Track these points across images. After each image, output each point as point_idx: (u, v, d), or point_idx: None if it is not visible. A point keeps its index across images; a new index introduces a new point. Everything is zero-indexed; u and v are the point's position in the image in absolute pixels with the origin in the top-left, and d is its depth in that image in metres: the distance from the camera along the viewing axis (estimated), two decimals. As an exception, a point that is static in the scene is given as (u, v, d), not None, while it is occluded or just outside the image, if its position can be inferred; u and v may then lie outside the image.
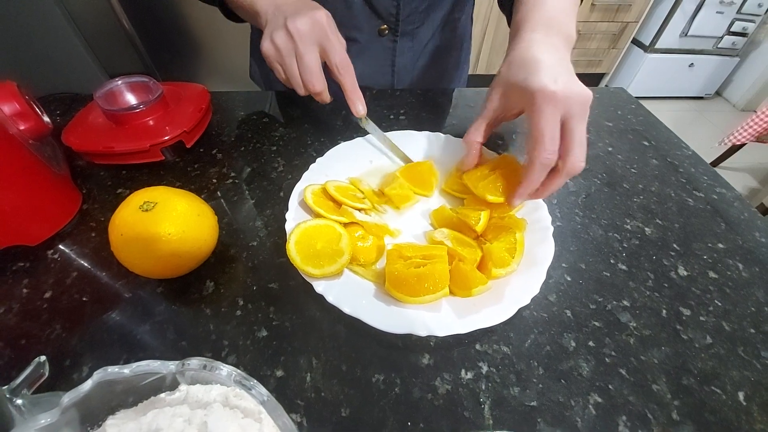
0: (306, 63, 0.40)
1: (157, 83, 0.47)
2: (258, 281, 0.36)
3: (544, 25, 0.36)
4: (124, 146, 0.43)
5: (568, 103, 0.31)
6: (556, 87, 0.30)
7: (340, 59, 0.40)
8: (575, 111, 0.31)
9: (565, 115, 0.31)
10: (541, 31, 0.36)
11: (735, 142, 1.87)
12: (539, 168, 0.32)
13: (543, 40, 0.35)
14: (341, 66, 0.41)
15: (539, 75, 0.31)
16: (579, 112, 0.31)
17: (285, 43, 0.40)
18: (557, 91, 0.30)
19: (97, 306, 0.34)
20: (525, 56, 0.34)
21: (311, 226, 0.35)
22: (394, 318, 0.30)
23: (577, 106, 0.31)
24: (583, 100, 0.31)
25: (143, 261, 0.31)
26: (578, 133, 0.31)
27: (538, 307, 0.34)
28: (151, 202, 0.31)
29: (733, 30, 2.22)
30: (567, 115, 0.31)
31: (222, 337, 0.32)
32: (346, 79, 0.41)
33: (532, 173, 0.32)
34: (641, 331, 0.33)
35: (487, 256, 0.32)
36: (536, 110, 0.31)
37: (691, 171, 0.49)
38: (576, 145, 0.31)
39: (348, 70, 0.41)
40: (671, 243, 0.40)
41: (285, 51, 0.40)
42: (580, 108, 0.31)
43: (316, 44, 0.40)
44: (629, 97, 0.62)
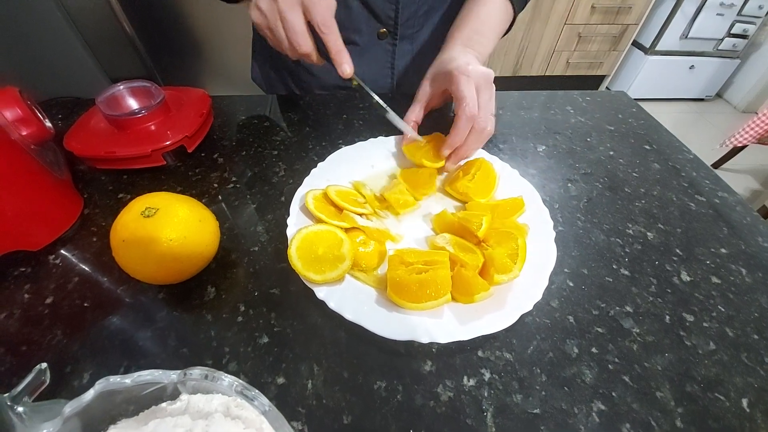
0: (289, 23, 0.39)
1: (158, 88, 0.47)
2: (259, 287, 0.35)
3: (463, 42, 0.48)
4: (125, 151, 0.43)
5: (477, 77, 0.41)
6: (468, 66, 0.42)
7: (322, 18, 0.39)
8: (482, 83, 0.41)
9: (476, 85, 0.41)
10: (458, 44, 0.48)
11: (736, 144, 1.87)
12: (464, 120, 0.41)
13: (459, 49, 0.47)
14: (323, 24, 0.40)
15: (456, 62, 0.43)
16: (485, 84, 0.41)
17: (268, 5, 0.40)
18: (469, 68, 0.42)
19: (98, 312, 0.34)
20: (445, 57, 0.47)
21: (313, 231, 0.35)
22: (396, 324, 0.30)
23: (483, 79, 0.41)
24: (487, 75, 0.42)
25: (145, 267, 0.31)
26: (483, 99, 0.41)
27: (540, 313, 0.33)
28: (153, 208, 0.31)
29: (734, 32, 2.21)
30: (478, 85, 0.41)
31: (223, 344, 0.31)
32: (329, 37, 0.41)
33: (459, 124, 0.41)
34: (644, 338, 0.33)
35: (489, 262, 0.32)
36: (456, 81, 0.41)
37: (693, 175, 0.49)
38: (482, 109, 0.41)
39: (331, 29, 0.40)
40: (674, 248, 0.40)
41: (269, 14, 0.40)
42: (485, 81, 0.42)
43: (298, 3, 0.39)
44: (630, 101, 0.62)
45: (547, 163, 0.50)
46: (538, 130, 0.55)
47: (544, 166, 0.49)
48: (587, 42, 2.16)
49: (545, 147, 0.52)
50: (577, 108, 0.60)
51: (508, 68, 2.21)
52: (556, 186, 0.46)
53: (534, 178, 0.47)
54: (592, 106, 0.61)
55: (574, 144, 0.53)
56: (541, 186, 0.46)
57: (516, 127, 0.56)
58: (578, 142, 0.53)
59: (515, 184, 0.43)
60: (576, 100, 0.62)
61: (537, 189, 0.42)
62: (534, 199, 0.40)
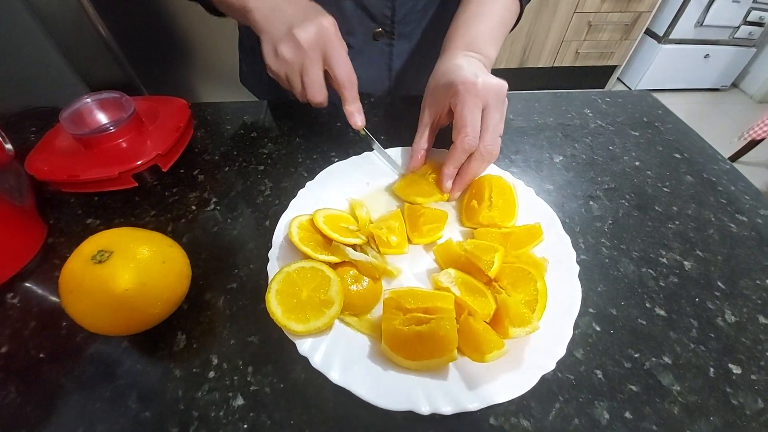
0: (311, 77, 0.37)
1: (129, 99, 0.42)
2: (236, 333, 0.31)
3: (466, 46, 0.41)
4: (90, 174, 0.38)
5: (486, 93, 0.35)
6: (476, 80, 0.35)
7: (346, 74, 0.38)
8: (491, 101, 0.35)
9: (483, 105, 0.35)
10: (462, 48, 0.41)
11: (755, 137, 1.79)
12: (460, 151, 0.36)
13: (463, 55, 0.40)
14: (345, 80, 0.38)
15: (461, 73, 0.36)
16: (494, 102, 0.35)
17: (294, 56, 0.36)
18: (477, 82, 0.35)
19: (54, 366, 0.30)
20: (449, 64, 0.39)
21: (296, 269, 0.30)
22: (392, 388, 0.25)
23: (493, 96, 0.35)
24: (498, 90, 0.36)
25: (98, 321, 0.26)
26: (491, 120, 0.35)
27: (562, 366, 0.28)
28: (106, 252, 0.26)
29: (750, 19, 2.11)
30: (485, 104, 0.35)
31: (191, 407, 0.27)
32: (349, 93, 0.39)
33: (454, 155, 0.36)
34: (686, 397, 0.27)
35: (503, 311, 0.27)
36: (460, 100, 0.35)
37: (731, 189, 0.43)
38: (488, 132, 0.35)
39: (352, 84, 0.38)
40: (715, 281, 0.34)
41: (293, 64, 0.37)
42: (495, 98, 0.35)
43: (320, 54, 0.37)
44: (655, 102, 0.56)
45: (565, 177, 0.44)
46: (554, 137, 0.50)
47: (561, 181, 0.44)
48: (598, 31, 2.06)
49: (562, 157, 0.47)
50: (596, 111, 0.54)
51: (514, 60, 2.12)
52: (576, 205, 0.41)
53: (551, 195, 0.42)
54: (613, 108, 0.55)
55: (594, 153, 0.47)
56: (559, 205, 0.41)
57: (529, 134, 0.50)
58: (599, 151, 0.48)
59: (531, 206, 0.37)
60: (595, 101, 0.56)
61: (554, 208, 0.37)
62: (553, 225, 0.35)
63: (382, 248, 0.34)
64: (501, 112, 0.36)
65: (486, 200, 0.36)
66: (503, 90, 0.36)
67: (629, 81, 2.46)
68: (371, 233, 0.35)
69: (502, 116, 0.37)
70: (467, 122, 0.35)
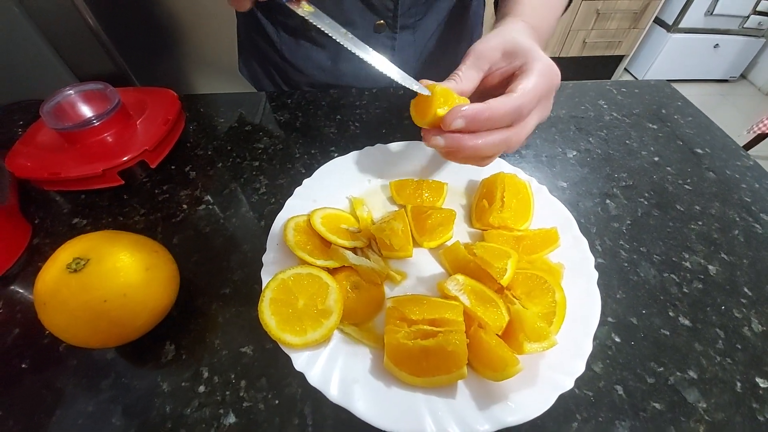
0: None
1: (114, 90, 0.40)
2: (228, 343, 0.29)
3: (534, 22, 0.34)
4: (73, 171, 0.36)
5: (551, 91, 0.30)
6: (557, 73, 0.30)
7: None
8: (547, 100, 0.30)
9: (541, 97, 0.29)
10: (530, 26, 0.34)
11: (765, 130, 1.75)
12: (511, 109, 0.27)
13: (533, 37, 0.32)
14: None
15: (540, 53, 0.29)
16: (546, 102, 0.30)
17: None
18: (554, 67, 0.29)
19: (37, 377, 0.28)
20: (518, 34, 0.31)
21: (292, 276, 0.28)
22: (395, 407, 0.23)
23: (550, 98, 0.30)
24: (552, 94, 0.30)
25: (75, 333, 0.24)
26: (533, 119, 0.29)
27: (580, 381, 0.26)
28: (82, 259, 0.24)
29: (760, 9, 2.05)
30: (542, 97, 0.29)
31: (179, 425, 0.25)
32: None
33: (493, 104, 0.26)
34: (713, 415, 0.25)
35: (517, 325, 0.25)
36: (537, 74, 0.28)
37: (755, 187, 0.40)
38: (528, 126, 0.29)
39: None
40: (741, 286, 0.32)
41: None
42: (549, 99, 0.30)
43: None
44: (673, 92, 0.53)
45: (579, 173, 0.41)
46: (567, 131, 0.47)
47: (576, 177, 0.41)
48: (606, 19, 2.00)
49: (576, 152, 0.44)
50: (611, 102, 0.51)
51: (519, 50, 2.06)
52: (591, 203, 0.38)
53: (565, 193, 0.39)
54: (629, 100, 0.52)
55: (610, 148, 0.45)
56: (573, 204, 0.38)
57: (540, 127, 0.47)
58: (615, 145, 0.45)
59: (545, 205, 0.35)
60: (610, 92, 0.53)
61: (569, 208, 0.35)
62: (569, 227, 0.32)
63: (385, 252, 0.32)
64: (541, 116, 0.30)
65: (498, 200, 0.33)
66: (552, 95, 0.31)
67: (637, 71, 2.40)
68: (373, 235, 0.32)
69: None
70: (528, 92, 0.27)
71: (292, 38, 0.53)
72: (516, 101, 0.27)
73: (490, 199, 0.34)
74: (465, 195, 0.38)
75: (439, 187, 0.37)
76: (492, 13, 0.42)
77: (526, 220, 0.33)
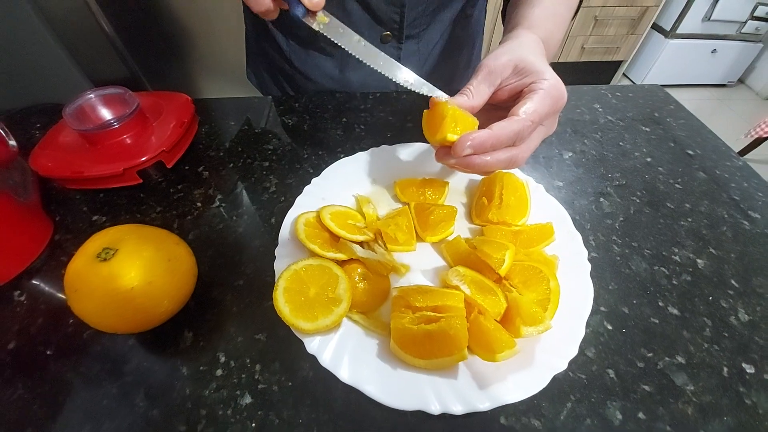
0: None
1: (133, 95, 0.42)
2: (243, 331, 0.31)
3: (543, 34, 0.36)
4: (94, 170, 0.38)
5: (558, 107, 0.31)
6: (564, 90, 0.31)
7: None
8: (553, 117, 0.32)
9: (546, 115, 0.30)
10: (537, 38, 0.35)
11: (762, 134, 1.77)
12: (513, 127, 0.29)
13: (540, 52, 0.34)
14: None
15: (548, 68, 0.31)
16: (551, 121, 0.32)
17: None
18: (562, 88, 0.31)
19: (61, 362, 0.30)
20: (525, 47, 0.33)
21: (303, 266, 0.30)
22: (401, 387, 0.25)
23: (555, 114, 0.32)
24: (559, 110, 0.32)
25: (104, 319, 0.26)
26: (539, 134, 0.31)
27: (573, 365, 0.28)
28: (111, 249, 0.26)
29: (757, 15, 2.08)
30: (548, 115, 0.30)
31: (199, 405, 0.27)
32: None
33: (504, 125, 0.29)
34: (700, 397, 0.27)
35: (514, 310, 0.26)
36: (542, 95, 0.30)
37: (744, 186, 0.42)
38: (529, 140, 0.30)
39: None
40: (729, 279, 0.34)
41: None
42: (555, 116, 0.32)
43: None
44: (666, 96, 0.55)
45: (575, 174, 0.43)
46: (563, 132, 0.49)
47: (571, 177, 0.43)
48: (604, 25, 2.04)
49: (572, 153, 0.46)
50: (606, 106, 0.54)
51: (519, 56, 2.09)
52: (586, 201, 0.40)
53: (560, 191, 0.41)
54: (623, 103, 0.54)
55: (605, 149, 0.47)
56: (569, 202, 0.40)
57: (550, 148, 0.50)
58: (610, 147, 0.47)
59: (541, 203, 0.37)
60: (605, 96, 0.55)
61: (565, 205, 0.37)
62: (564, 222, 0.34)
63: (390, 245, 0.33)
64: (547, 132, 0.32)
65: (496, 198, 0.35)
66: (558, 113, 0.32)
67: (635, 76, 2.43)
68: (379, 230, 0.34)
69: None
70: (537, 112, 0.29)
71: (302, 47, 0.55)
72: (519, 125, 0.28)
73: (489, 197, 0.36)
74: (466, 194, 0.40)
75: (441, 186, 0.39)
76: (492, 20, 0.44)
77: (524, 216, 0.35)
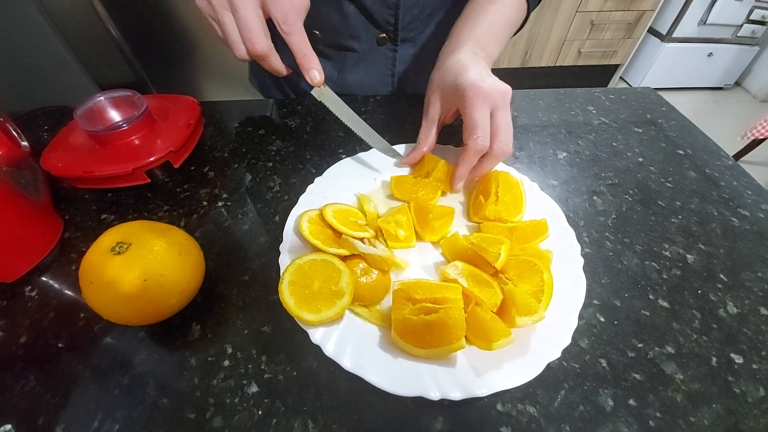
0: (241, 16, 0.33)
1: (141, 98, 0.43)
2: (249, 324, 0.32)
3: (472, 42, 0.41)
4: (105, 170, 0.39)
5: (494, 96, 0.36)
6: (483, 83, 0.36)
7: (282, 13, 0.33)
8: (499, 102, 0.36)
9: (492, 107, 0.36)
10: (468, 44, 0.41)
11: (758, 136, 1.78)
12: (473, 153, 0.36)
13: (469, 51, 0.40)
14: (284, 21, 0.33)
15: (468, 75, 0.37)
16: (502, 103, 0.36)
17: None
18: (484, 86, 0.36)
19: (73, 354, 0.31)
20: (454, 61, 0.39)
21: (307, 261, 0.31)
22: (402, 375, 0.26)
23: (500, 98, 0.36)
24: (505, 93, 0.36)
25: (117, 310, 0.27)
26: (503, 120, 0.36)
27: (567, 355, 0.29)
28: (124, 243, 0.27)
29: (753, 18, 2.11)
30: (494, 106, 0.36)
31: (207, 394, 0.28)
32: (292, 38, 0.34)
33: (467, 157, 0.37)
34: (689, 385, 0.28)
35: (509, 301, 0.28)
36: (469, 104, 0.36)
37: (734, 185, 0.44)
38: (501, 131, 0.36)
39: (293, 27, 0.34)
40: (717, 273, 0.35)
41: (217, 1, 0.33)
42: (502, 100, 0.36)
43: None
44: (659, 99, 0.57)
45: (569, 173, 0.45)
46: (558, 134, 0.50)
47: (566, 176, 0.44)
48: (600, 30, 2.06)
49: (566, 154, 0.47)
50: (600, 108, 0.55)
51: (516, 59, 2.12)
52: (580, 200, 0.41)
53: (555, 190, 0.43)
54: (616, 106, 0.55)
55: (598, 150, 0.48)
56: (563, 200, 0.41)
57: (533, 131, 0.51)
58: (603, 147, 0.48)
59: (536, 200, 0.38)
60: (599, 98, 0.57)
61: (559, 203, 0.38)
62: (557, 219, 0.36)
63: (391, 242, 0.35)
64: (507, 113, 0.37)
65: (492, 195, 0.36)
66: (509, 93, 0.37)
67: (632, 80, 2.46)
68: (379, 227, 0.35)
69: (509, 116, 0.37)
70: (478, 124, 0.35)
71: None
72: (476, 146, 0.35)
73: (486, 195, 0.37)
74: (464, 193, 0.41)
75: (434, 186, 0.40)
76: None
77: (519, 213, 0.36)
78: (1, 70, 0.61)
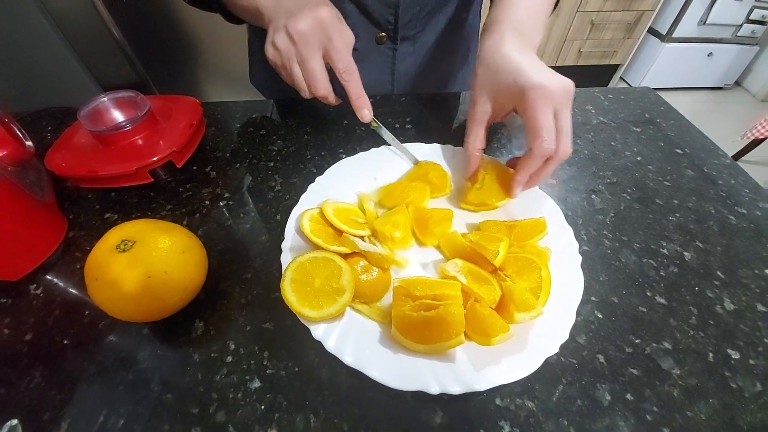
0: (309, 68, 0.37)
1: (144, 98, 0.44)
2: (251, 320, 0.32)
3: (514, 28, 0.38)
4: (108, 170, 0.40)
5: (560, 96, 0.34)
6: (549, 83, 0.33)
7: (344, 64, 0.38)
8: (563, 102, 0.34)
9: (556, 107, 0.34)
10: (512, 33, 0.38)
11: (758, 136, 1.79)
12: (539, 157, 0.34)
13: (516, 43, 0.37)
14: (344, 71, 0.38)
15: (527, 75, 0.34)
16: (566, 103, 0.34)
17: (286, 46, 0.37)
18: (549, 86, 0.33)
19: (77, 351, 0.31)
20: (505, 58, 0.36)
21: (309, 259, 0.32)
22: (402, 370, 0.27)
23: (565, 98, 0.34)
24: (569, 92, 0.34)
25: (122, 307, 0.28)
26: (566, 122, 0.34)
27: (565, 350, 0.29)
28: (129, 241, 0.28)
29: (752, 18, 2.11)
30: (558, 106, 0.34)
31: (211, 389, 0.28)
32: (350, 84, 0.39)
33: (531, 162, 0.35)
34: (686, 380, 0.28)
35: (508, 297, 0.28)
36: (532, 106, 0.34)
37: (731, 183, 0.44)
38: (565, 134, 0.34)
39: (352, 75, 0.39)
40: (715, 270, 0.35)
41: (286, 55, 0.38)
42: (566, 99, 0.34)
43: (318, 46, 0.37)
44: (657, 98, 0.57)
45: (567, 172, 0.45)
46: (556, 133, 0.51)
47: (564, 175, 0.45)
48: (600, 30, 2.07)
49: (565, 153, 0.48)
50: (598, 107, 0.55)
51: (517, 60, 2.12)
52: (578, 198, 0.42)
53: (554, 189, 0.43)
54: (615, 105, 0.56)
55: (597, 149, 0.48)
56: (562, 198, 0.42)
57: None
58: (601, 146, 0.49)
59: (535, 200, 0.38)
60: (597, 98, 0.57)
61: (557, 202, 0.38)
62: (556, 217, 0.36)
63: (386, 245, 0.35)
64: (569, 112, 0.35)
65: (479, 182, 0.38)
66: (572, 89, 0.34)
67: (632, 80, 2.46)
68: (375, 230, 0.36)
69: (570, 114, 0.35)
70: (544, 128, 0.33)
71: None
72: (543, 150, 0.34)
73: (473, 181, 0.38)
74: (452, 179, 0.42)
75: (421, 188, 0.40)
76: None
77: (502, 198, 0.37)
78: (3, 71, 0.61)
